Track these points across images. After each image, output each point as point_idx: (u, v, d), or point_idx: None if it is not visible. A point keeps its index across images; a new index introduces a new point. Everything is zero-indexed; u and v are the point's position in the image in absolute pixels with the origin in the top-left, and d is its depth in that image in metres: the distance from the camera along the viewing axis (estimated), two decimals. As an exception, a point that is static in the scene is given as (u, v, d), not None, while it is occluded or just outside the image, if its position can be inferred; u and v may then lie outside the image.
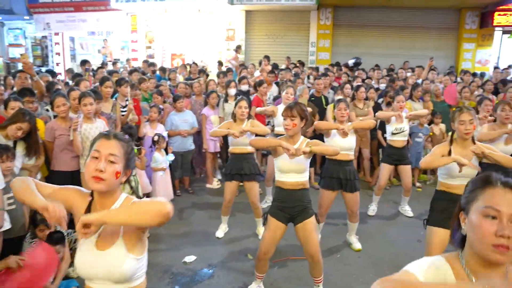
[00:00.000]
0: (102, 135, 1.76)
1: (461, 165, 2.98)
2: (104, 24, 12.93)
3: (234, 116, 4.39)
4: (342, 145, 4.06)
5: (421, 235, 4.70)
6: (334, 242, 4.54)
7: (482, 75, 10.77)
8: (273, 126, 6.06)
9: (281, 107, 5.36)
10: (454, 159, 3.00)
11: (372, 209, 5.40)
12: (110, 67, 10.29)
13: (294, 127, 3.12)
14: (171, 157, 5.31)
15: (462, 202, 1.38)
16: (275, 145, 3.13)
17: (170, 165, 5.42)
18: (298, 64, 10.38)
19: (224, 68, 9.54)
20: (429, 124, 6.83)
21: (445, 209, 3.11)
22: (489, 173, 1.34)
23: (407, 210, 5.41)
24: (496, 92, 7.91)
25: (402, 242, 4.60)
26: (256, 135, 4.26)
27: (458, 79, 8.92)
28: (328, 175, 4.17)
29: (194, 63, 9.45)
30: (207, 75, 9.37)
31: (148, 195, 5.08)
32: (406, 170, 5.15)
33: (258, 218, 4.50)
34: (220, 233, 4.61)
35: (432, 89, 7.42)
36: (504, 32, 12.34)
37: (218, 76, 7.29)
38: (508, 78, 9.54)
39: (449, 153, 3.09)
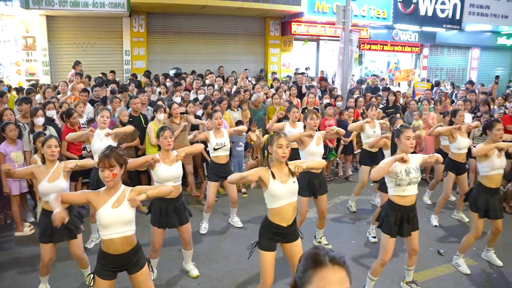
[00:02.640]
0: None
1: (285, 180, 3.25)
2: None
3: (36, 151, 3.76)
4: (167, 174, 3.92)
5: (253, 246, 4.99)
6: (170, 273, 4.41)
7: (289, 77, 12.10)
8: (90, 151, 5.55)
9: (97, 132, 4.91)
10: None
11: (204, 227, 5.45)
12: None
13: (115, 177, 2.86)
14: None
15: (297, 281, 1.41)
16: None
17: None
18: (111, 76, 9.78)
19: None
20: (246, 132, 7.29)
21: (273, 238, 3.35)
22: (317, 251, 1.40)
23: (236, 221, 5.66)
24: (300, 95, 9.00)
25: (237, 257, 4.77)
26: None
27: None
28: (158, 213, 3.96)
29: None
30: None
31: None
32: (231, 184, 5.32)
33: (85, 269, 4.03)
34: (41, 295, 3.92)
35: (254, 99, 7.91)
36: (297, 39, 14.08)
37: (16, 102, 6.17)
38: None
39: (273, 175, 3.26)
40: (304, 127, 4.88)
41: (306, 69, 13.17)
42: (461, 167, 5.56)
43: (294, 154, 4.33)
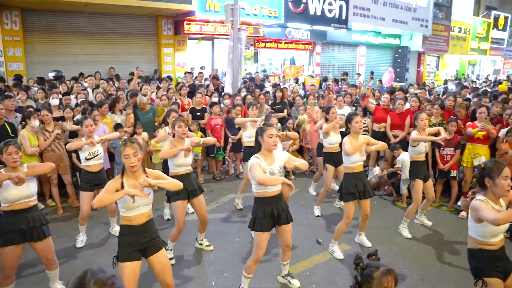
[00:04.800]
0: None
1: (133, 196, 3.07)
2: None
3: None
4: (17, 195, 3.51)
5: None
6: (33, 296, 4.01)
7: (170, 78, 11.77)
8: None
9: None
10: (126, 193, 3.04)
11: (80, 240, 5.05)
12: None
13: None
14: None
15: None
16: None
17: None
18: None
19: None
20: (131, 135, 6.99)
21: (131, 243, 3.18)
22: (83, 274, 1.36)
23: (116, 230, 5.34)
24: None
25: (114, 269, 4.49)
26: None
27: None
28: (7, 230, 3.52)
29: None
30: None
31: None
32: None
33: None
34: None
35: (138, 99, 7.54)
36: (191, 39, 13.89)
37: None
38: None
39: (122, 185, 3.12)
40: (174, 135, 4.74)
41: (201, 68, 13.07)
42: (338, 159, 5.81)
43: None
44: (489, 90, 11.63)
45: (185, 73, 11.79)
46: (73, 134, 6.45)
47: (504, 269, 3.01)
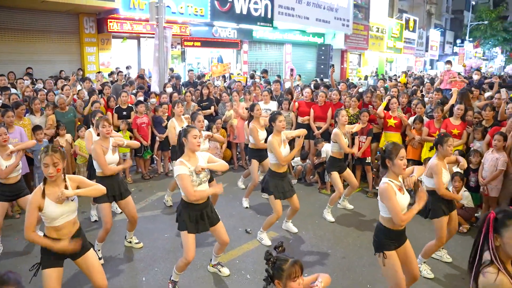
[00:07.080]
0: None
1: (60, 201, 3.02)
2: None
3: None
4: None
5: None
6: None
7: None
8: None
9: None
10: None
11: (-4, 253, 4.75)
12: None
13: None
14: None
15: None
16: None
17: None
18: None
19: None
20: (54, 137, 6.71)
21: (57, 252, 3.10)
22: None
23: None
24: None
25: (36, 279, 4.29)
26: None
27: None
28: None
29: None
30: None
31: None
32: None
33: None
34: None
35: (56, 99, 7.24)
36: (115, 37, 13.48)
37: None
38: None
39: (43, 194, 3.02)
40: (98, 134, 4.64)
41: (127, 68, 12.75)
42: (262, 154, 6.01)
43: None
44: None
45: (98, 72, 11.37)
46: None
47: (399, 244, 3.38)
